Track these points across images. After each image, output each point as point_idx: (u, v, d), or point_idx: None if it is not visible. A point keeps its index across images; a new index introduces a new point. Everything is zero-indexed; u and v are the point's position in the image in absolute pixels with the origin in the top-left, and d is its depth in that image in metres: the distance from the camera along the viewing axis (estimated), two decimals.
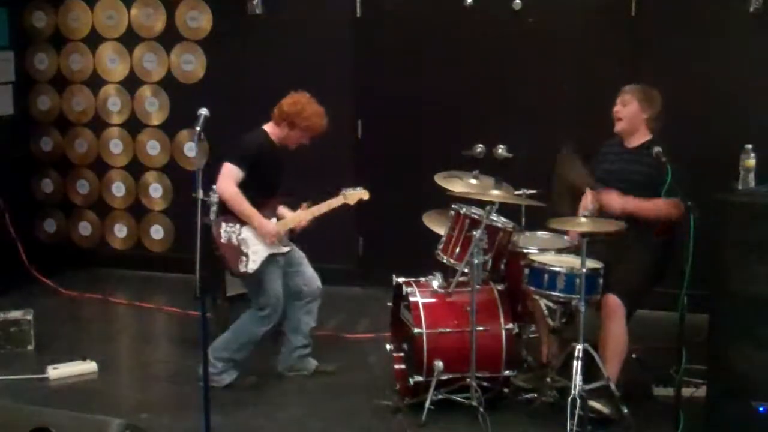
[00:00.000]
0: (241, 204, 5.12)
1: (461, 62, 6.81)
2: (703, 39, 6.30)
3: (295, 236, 5.41)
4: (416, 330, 4.86)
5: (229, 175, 5.13)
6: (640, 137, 5.11)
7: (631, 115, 5.09)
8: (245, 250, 5.18)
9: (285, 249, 5.29)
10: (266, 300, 5.20)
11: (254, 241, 5.19)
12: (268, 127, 5.30)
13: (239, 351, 5.26)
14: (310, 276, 5.42)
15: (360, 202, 5.39)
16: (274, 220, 5.24)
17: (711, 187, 4.75)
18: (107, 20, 7.56)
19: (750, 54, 6.22)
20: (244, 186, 5.11)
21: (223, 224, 5.23)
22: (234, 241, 5.20)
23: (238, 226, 5.19)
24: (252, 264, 5.17)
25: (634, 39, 6.47)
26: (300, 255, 5.44)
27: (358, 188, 5.37)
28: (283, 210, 5.37)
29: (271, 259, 5.21)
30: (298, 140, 5.31)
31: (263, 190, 5.21)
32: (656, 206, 4.88)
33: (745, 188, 4.74)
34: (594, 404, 4.64)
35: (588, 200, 5.07)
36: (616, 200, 4.91)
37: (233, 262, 5.18)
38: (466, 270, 4.88)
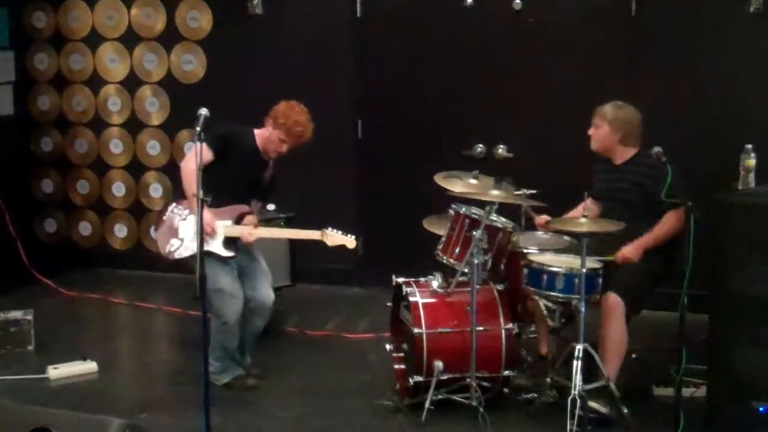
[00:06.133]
0: (191, 182, 4.85)
1: (461, 62, 6.81)
2: (703, 39, 6.30)
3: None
4: (416, 330, 4.86)
5: (194, 153, 5.05)
6: (625, 153, 5.10)
7: (601, 138, 5.09)
8: (181, 236, 5.12)
9: (224, 253, 5.13)
10: (209, 294, 4.95)
11: (189, 229, 5.09)
12: (257, 131, 5.27)
13: (224, 350, 5.21)
14: (262, 294, 5.24)
15: (342, 247, 5.18)
16: (228, 223, 5.14)
17: (711, 187, 4.75)
18: (107, 20, 7.56)
19: (750, 54, 6.22)
20: (211, 175, 4.70)
21: (174, 204, 5.24)
22: (175, 223, 5.16)
23: (187, 212, 5.15)
24: (183, 250, 5.11)
25: (634, 39, 6.47)
26: (262, 270, 5.31)
27: (349, 235, 5.17)
28: (250, 219, 5.23)
29: (207, 257, 5.01)
30: (277, 145, 5.18)
31: (226, 185, 4.96)
32: (663, 231, 4.90)
33: (745, 188, 4.74)
34: (594, 404, 4.64)
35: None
36: (632, 256, 4.90)
37: (162, 242, 5.17)
38: (466, 270, 4.88)
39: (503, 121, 6.75)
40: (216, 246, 5.13)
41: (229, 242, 5.16)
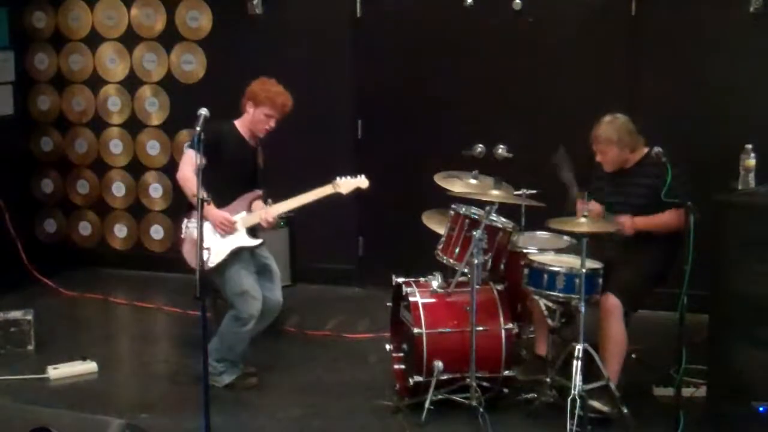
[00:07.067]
0: (191, 189, 4.94)
1: (461, 62, 6.81)
2: (703, 39, 6.30)
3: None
4: (416, 330, 4.86)
5: (186, 160, 5.10)
6: (634, 157, 5.08)
7: (614, 158, 5.04)
8: (206, 245, 5.09)
9: (252, 243, 5.16)
10: (233, 297, 5.11)
11: (212, 236, 5.10)
12: (237, 121, 5.25)
13: (230, 352, 5.22)
14: (275, 295, 5.26)
15: (358, 191, 5.20)
16: (243, 214, 5.16)
17: (711, 187, 4.75)
18: (107, 20, 7.56)
19: (750, 54, 6.22)
20: (211, 178, 4.72)
21: (185, 220, 5.23)
22: (195, 236, 5.17)
23: None
24: (214, 257, 5.09)
25: (634, 39, 6.47)
26: (275, 271, 5.32)
27: (359, 176, 5.20)
28: (258, 205, 5.25)
29: (235, 255, 5.11)
30: (264, 122, 5.16)
31: (229, 182, 5.06)
32: (662, 220, 4.90)
33: (745, 188, 4.75)
34: (594, 404, 4.64)
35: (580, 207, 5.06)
36: (628, 225, 4.92)
37: (191, 258, 5.12)
38: (465, 270, 4.88)
39: (503, 121, 6.74)
40: (242, 239, 5.14)
41: (251, 231, 5.19)
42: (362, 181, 5.21)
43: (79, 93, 7.72)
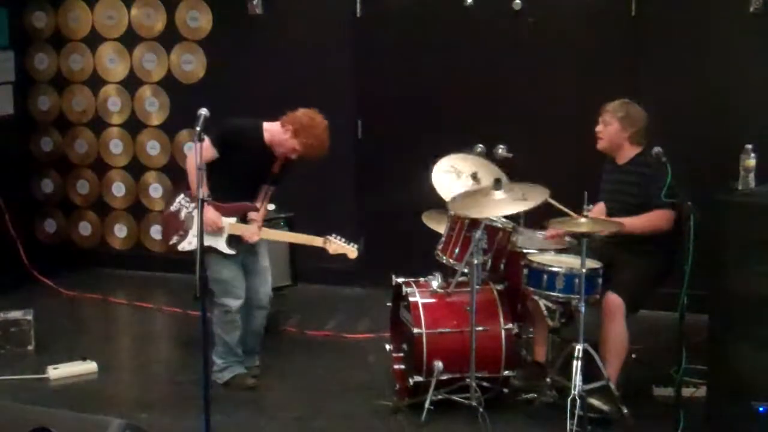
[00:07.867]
0: (192, 179, 5.05)
1: (461, 62, 6.81)
2: (703, 39, 6.30)
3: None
4: (416, 330, 4.86)
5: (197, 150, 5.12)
6: (629, 152, 5.07)
7: (611, 135, 5.06)
8: (187, 228, 5.18)
9: (227, 251, 5.13)
10: (213, 284, 5.09)
11: (197, 226, 5.11)
12: (267, 125, 5.14)
13: (225, 344, 5.21)
14: (260, 292, 5.28)
15: (341, 255, 5.20)
16: (233, 220, 5.13)
17: (711, 187, 4.75)
18: (107, 20, 7.56)
19: (750, 54, 6.22)
20: (218, 172, 4.86)
21: (182, 194, 5.27)
22: (182, 215, 5.21)
23: (193, 205, 5.17)
24: (186, 244, 5.20)
25: (634, 39, 6.47)
26: (263, 268, 5.31)
27: (352, 244, 5.19)
28: (253, 216, 5.23)
29: (210, 250, 5.07)
30: (290, 150, 5.06)
31: (233, 181, 5.01)
32: (638, 222, 4.88)
33: (745, 188, 4.74)
34: (594, 404, 4.64)
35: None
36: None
37: (168, 233, 5.27)
38: (465, 270, 4.87)
39: (503, 121, 6.74)
40: (219, 243, 5.13)
41: (232, 240, 5.16)
42: (352, 251, 5.20)
43: (79, 93, 7.72)
